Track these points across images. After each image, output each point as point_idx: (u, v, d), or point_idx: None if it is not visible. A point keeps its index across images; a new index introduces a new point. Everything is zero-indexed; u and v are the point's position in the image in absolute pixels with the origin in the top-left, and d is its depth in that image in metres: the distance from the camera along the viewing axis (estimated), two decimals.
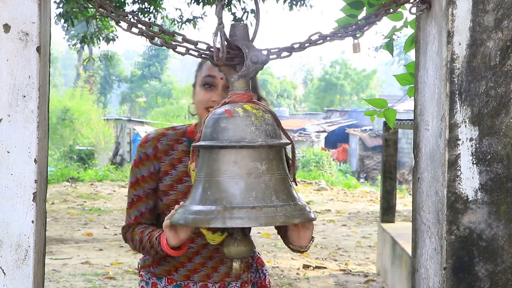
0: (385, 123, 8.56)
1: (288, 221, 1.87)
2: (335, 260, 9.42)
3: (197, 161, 2.00)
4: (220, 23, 1.95)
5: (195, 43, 1.99)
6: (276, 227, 2.45)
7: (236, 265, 2.01)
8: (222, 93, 2.40)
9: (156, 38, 1.97)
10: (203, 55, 1.99)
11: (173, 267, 2.53)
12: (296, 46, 2.03)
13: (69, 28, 10.17)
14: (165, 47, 1.98)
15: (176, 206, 2.06)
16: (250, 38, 1.99)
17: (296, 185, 2.24)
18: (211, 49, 1.97)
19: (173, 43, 1.98)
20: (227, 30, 1.98)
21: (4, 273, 1.92)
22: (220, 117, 1.93)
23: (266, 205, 1.85)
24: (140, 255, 2.60)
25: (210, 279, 2.51)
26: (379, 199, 9.75)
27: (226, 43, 1.96)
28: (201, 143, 1.94)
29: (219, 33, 1.95)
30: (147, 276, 2.58)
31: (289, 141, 2.00)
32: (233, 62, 1.99)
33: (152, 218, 2.50)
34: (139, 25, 1.96)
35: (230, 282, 2.54)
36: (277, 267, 8.74)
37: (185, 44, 1.98)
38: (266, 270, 2.64)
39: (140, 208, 2.48)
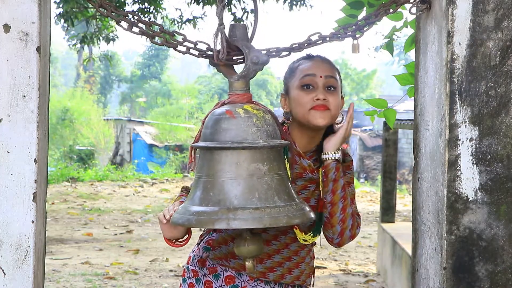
0: (385, 123, 8.55)
1: (290, 221, 1.88)
2: (335, 260, 9.42)
3: (195, 161, 2.00)
4: (221, 23, 1.95)
5: (195, 43, 2.00)
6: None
7: (249, 264, 2.01)
8: (323, 92, 2.30)
9: (157, 38, 1.97)
10: (203, 55, 1.99)
11: None
12: (295, 46, 2.03)
13: (69, 28, 10.17)
14: (165, 47, 1.99)
15: (175, 204, 2.04)
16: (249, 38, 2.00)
17: (295, 184, 2.23)
18: (211, 49, 1.98)
19: (174, 42, 1.98)
20: (226, 31, 1.99)
21: (4, 273, 1.92)
22: (221, 118, 1.92)
23: (269, 205, 1.86)
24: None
25: (283, 279, 2.44)
26: (379, 199, 9.75)
27: (226, 44, 1.96)
28: (202, 144, 1.94)
29: (219, 34, 1.95)
30: (213, 263, 2.42)
31: (289, 141, 2.00)
32: (232, 62, 2.00)
33: None
34: (140, 25, 1.96)
35: (299, 285, 2.47)
36: None
37: (185, 43, 1.99)
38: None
39: None
